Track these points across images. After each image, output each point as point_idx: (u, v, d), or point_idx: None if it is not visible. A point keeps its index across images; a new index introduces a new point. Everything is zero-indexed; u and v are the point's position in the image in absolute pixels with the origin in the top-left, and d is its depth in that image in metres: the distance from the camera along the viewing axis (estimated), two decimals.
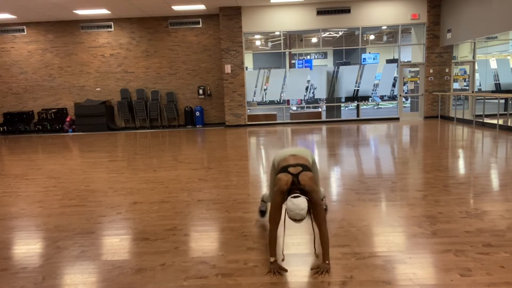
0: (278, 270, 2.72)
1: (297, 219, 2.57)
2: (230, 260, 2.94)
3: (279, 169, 2.91)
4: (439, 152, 6.87)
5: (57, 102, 13.83)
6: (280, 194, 2.73)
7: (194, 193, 4.85)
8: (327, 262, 2.73)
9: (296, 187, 2.70)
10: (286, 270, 2.74)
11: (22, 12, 11.78)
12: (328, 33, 15.90)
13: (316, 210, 2.70)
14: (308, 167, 2.86)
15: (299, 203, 2.55)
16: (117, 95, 13.70)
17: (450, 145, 7.69)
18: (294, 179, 2.73)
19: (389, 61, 15.26)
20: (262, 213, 3.79)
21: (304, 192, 2.68)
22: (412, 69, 13.07)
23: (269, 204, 3.25)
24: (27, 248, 3.35)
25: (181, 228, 3.66)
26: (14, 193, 5.27)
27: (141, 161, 7.20)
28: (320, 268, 2.71)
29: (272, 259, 2.75)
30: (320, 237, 2.73)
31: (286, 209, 2.61)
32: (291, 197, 2.59)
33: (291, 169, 2.80)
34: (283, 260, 2.84)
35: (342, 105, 14.65)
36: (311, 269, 2.76)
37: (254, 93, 13.11)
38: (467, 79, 12.96)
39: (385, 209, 3.98)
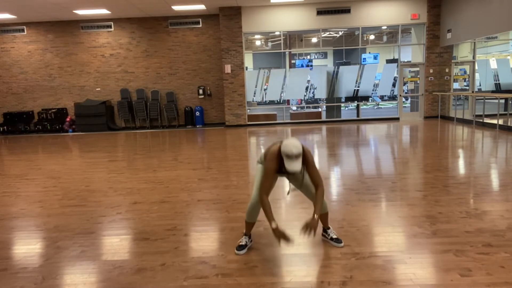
0: (283, 237, 2.69)
1: (293, 152, 2.66)
2: (230, 260, 2.94)
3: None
4: (439, 152, 6.87)
5: (57, 102, 13.83)
6: (273, 160, 2.79)
7: (194, 193, 4.85)
8: (315, 216, 2.73)
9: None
10: (290, 239, 2.72)
11: (22, 12, 11.79)
12: (328, 33, 15.90)
13: (312, 171, 2.84)
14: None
15: (292, 139, 2.74)
16: (117, 95, 13.70)
17: (450, 145, 7.69)
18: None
19: (389, 61, 15.25)
20: (240, 247, 3.09)
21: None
22: (412, 69, 13.07)
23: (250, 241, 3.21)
24: (27, 248, 3.35)
25: (181, 228, 3.66)
26: (14, 193, 5.27)
27: (141, 161, 7.21)
28: (308, 226, 2.71)
29: (273, 225, 2.71)
30: (317, 192, 2.83)
31: (281, 150, 2.72)
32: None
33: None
34: (288, 193, 2.89)
35: (342, 105, 14.66)
36: (301, 230, 2.76)
37: (254, 93, 13.11)
38: (467, 79, 12.96)
39: (385, 209, 3.98)
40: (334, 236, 3.16)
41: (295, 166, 2.67)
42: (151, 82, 13.63)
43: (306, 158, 2.83)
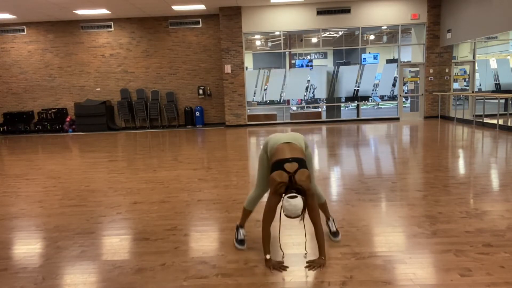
0: (278, 266, 2.75)
1: (292, 217, 2.62)
2: (230, 260, 2.94)
3: (273, 162, 2.82)
4: (439, 152, 6.87)
5: (57, 102, 13.83)
6: (276, 195, 2.73)
7: (194, 193, 4.85)
8: (323, 257, 2.78)
9: (292, 186, 2.66)
10: (286, 266, 2.77)
11: (22, 12, 11.78)
12: (328, 33, 15.90)
13: (311, 207, 2.72)
14: (304, 162, 2.79)
15: (296, 203, 2.55)
16: (117, 95, 13.70)
17: (450, 145, 7.69)
18: (291, 178, 2.69)
19: (389, 61, 15.25)
20: (241, 242, 3.19)
21: (299, 191, 2.64)
22: (412, 69, 13.07)
23: (240, 232, 3.24)
24: (27, 248, 3.35)
25: (181, 228, 3.66)
26: (14, 193, 5.27)
27: (141, 161, 7.20)
28: (315, 263, 2.76)
29: (267, 256, 2.79)
30: (316, 233, 2.78)
31: (282, 207, 2.61)
32: (288, 197, 2.57)
33: (287, 166, 2.72)
34: (283, 257, 2.91)
35: (342, 105, 14.66)
36: (306, 262, 2.80)
37: (254, 93, 13.11)
38: (467, 79, 12.96)
39: (385, 209, 3.98)
40: (333, 229, 3.23)
41: (293, 219, 2.69)
42: (151, 82, 13.63)
43: (307, 200, 2.68)
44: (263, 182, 3.09)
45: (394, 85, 14.14)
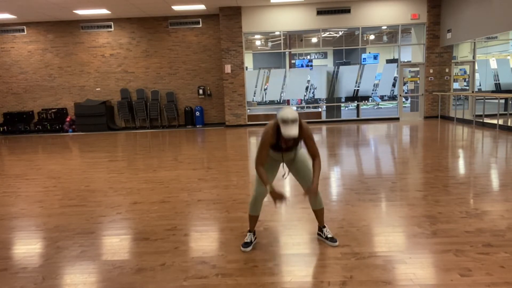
0: (279, 198, 2.85)
1: (289, 117, 2.69)
2: (230, 260, 2.95)
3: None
4: (439, 152, 6.87)
5: (57, 102, 13.83)
6: (269, 131, 2.87)
7: (194, 193, 4.85)
8: (315, 185, 2.92)
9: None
10: (285, 198, 2.87)
11: (22, 12, 11.78)
12: (328, 33, 15.90)
13: (310, 143, 2.94)
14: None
15: (288, 107, 2.78)
16: (117, 95, 13.70)
17: (450, 145, 7.69)
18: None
19: (389, 61, 15.25)
20: (245, 244, 3.15)
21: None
22: (412, 69, 13.07)
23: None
24: (27, 248, 3.35)
25: (181, 228, 3.66)
26: (14, 193, 5.27)
27: (141, 161, 7.21)
28: (308, 191, 2.91)
29: (269, 188, 2.87)
30: (314, 164, 2.96)
31: (277, 117, 2.77)
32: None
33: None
34: (284, 176, 3.19)
35: (342, 105, 14.66)
36: (303, 195, 2.93)
37: (254, 93, 13.11)
38: (467, 79, 12.96)
39: (385, 209, 3.98)
40: (329, 235, 3.20)
41: (292, 130, 2.70)
42: (151, 82, 13.63)
43: (302, 128, 2.87)
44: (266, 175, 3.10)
45: (394, 85, 14.14)
